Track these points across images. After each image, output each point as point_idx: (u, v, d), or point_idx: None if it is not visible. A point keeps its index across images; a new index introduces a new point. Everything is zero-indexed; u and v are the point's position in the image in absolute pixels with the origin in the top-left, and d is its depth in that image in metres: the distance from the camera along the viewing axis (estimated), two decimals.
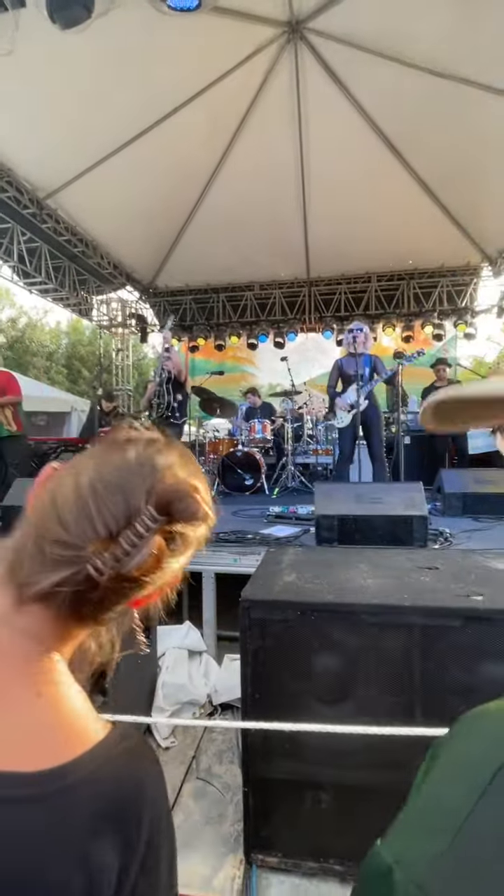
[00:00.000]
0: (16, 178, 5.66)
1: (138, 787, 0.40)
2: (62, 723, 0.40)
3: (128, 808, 0.39)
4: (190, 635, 2.43)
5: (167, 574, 0.46)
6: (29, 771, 0.36)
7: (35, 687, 0.41)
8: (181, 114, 5.48)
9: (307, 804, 1.35)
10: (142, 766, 0.42)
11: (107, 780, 0.39)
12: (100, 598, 0.42)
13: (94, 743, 0.40)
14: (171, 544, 0.44)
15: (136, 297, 9.44)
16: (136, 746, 0.43)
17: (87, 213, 6.69)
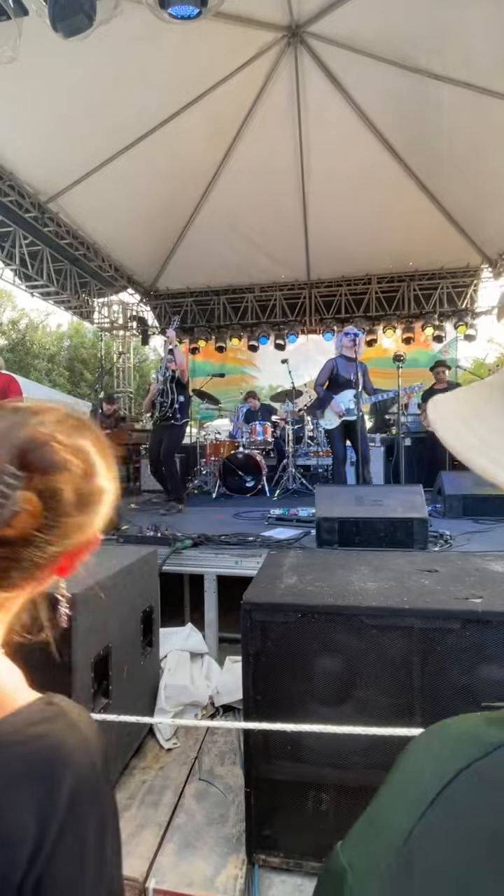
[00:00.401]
0: (17, 181, 5.70)
1: (57, 748, 0.39)
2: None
3: (45, 770, 0.38)
4: (191, 637, 2.45)
5: (64, 531, 0.44)
6: None
7: None
8: (182, 117, 5.51)
9: (308, 804, 1.36)
10: (63, 730, 0.41)
11: (23, 743, 0.38)
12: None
13: (12, 710, 0.40)
14: (49, 500, 0.43)
15: (137, 299, 9.48)
16: (60, 712, 0.42)
17: (88, 217, 6.72)
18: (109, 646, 1.69)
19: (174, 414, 4.23)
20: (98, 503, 0.48)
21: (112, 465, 0.51)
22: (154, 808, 1.66)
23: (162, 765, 1.89)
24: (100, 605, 1.63)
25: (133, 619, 1.93)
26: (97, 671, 1.61)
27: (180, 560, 2.55)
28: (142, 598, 2.02)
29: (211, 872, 1.42)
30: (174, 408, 4.22)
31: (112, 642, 1.71)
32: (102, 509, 0.49)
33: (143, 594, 2.04)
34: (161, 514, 3.88)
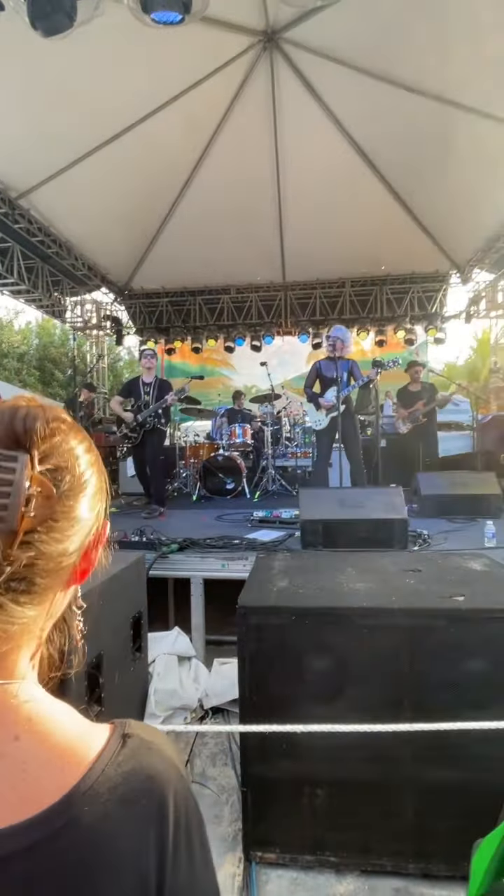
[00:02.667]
0: None
1: (153, 779, 0.39)
2: (52, 754, 0.38)
3: (151, 804, 0.38)
4: (179, 641, 2.46)
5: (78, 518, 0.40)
6: (32, 815, 0.34)
7: (9, 731, 0.37)
8: (159, 116, 5.47)
9: (303, 800, 1.41)
10: (148, 757, 0.40)
11: (121, 785, 0.37)
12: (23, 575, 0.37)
13: (94, 756, 0.39)
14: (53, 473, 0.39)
15: (111, 298, 9.33)
16: (139, 741, 0.41)
17: (61, 214, 6.57)
18: (101, 653, 1.69)
19: (159, 419, 4.29)
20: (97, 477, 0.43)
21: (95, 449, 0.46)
22: None
23: None
24: (91, 613, 1.63)
25: (123, 626, 1.93)
26: (90, 680, 1.61)
27: (166, 564, 2.55)
28: (131, 604, 2.02)
29: None
30: (158, 413, 4.28)
31: (103, 650, 1.71)
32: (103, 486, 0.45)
33: (132, 600, 2.04)
34: (143, 517, 3.87)
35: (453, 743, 1.27)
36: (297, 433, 6.22)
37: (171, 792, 0.39)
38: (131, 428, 4.39)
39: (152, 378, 4.54)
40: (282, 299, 8.89)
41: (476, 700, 1.33)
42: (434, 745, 1.30)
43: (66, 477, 0.39)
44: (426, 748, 1.32)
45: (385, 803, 1.38)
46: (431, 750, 1.32)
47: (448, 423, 6.41)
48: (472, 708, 1.34)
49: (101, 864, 0.35)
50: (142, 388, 4.46)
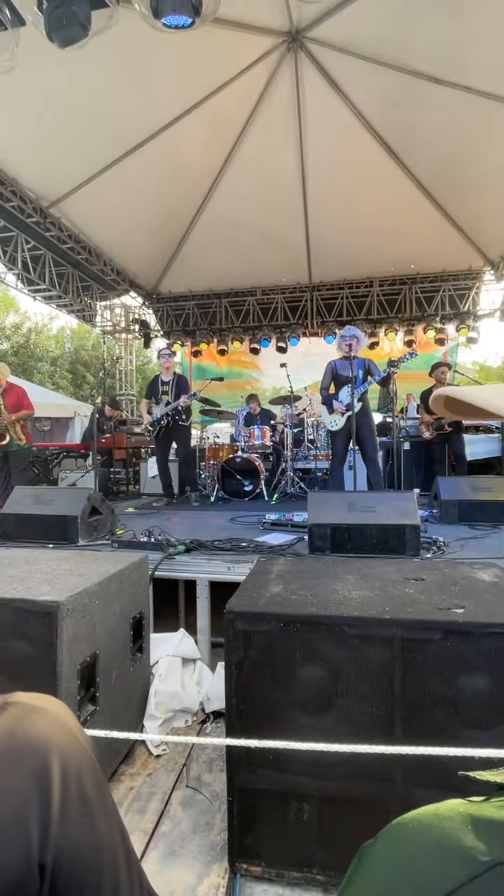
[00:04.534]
0: (20, 187, 5.75)
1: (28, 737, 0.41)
2: None
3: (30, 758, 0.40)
4: (184, 643, 2.45)
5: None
6: None
7: None
8: (184, 122, 5.54)
9: (290, 814, 1.36)
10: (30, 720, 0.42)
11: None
12: None
13: None
14: None
15: (139, 302, 9.53)
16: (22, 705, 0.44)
17: (90, 221, 6.77)
18: (97, 652, 1.70)
19: (179, 416, 4.43)
20: None
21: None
22: (140, 815, 1.67)
23: (150, 771, 1.90)
24: (87, 612, 1.64)
25: (123, 626, 1.94)
26: (83, 678, 1.62)
27: (173, 566, 2.56)
28: (132, 605, 2.02)
29: (193, 881, 1.43)
30: (179, 409, 4.44)
31: (99, 649, 1.72)
32: None
33: (134, 600, 2.05)
34: (194, 505, 4.38)
35: (447, 765, 1.19)
36: (319, 435, 6.13)
37: (57, 752, 0.40)
38: (150, 423, 4.61)
39: (171, 376, 4.72)
40: (308, 300, 8.82)
41: (474, 720, 1.25)
42: (426, 767, 1.23)
43: None
44: (418, 769, 1.25)
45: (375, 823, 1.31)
46: (424, 771, 1.25)
47: (476, 426, 6.16)
48: (469, 727, 1.26)
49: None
50: (160, 387, 4.64)
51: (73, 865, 0.39)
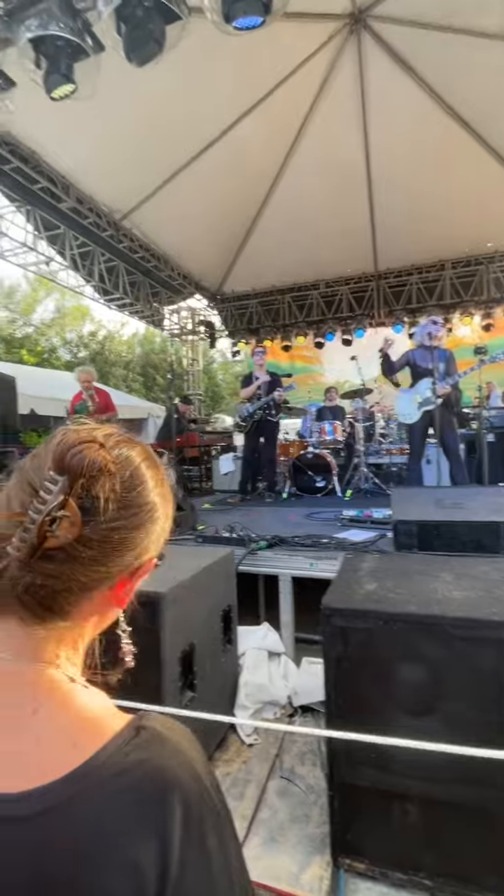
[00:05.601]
0: (96, 204, 6.12)
1: (159, 771, 0.38)
2: (66, 732, 0.39)
3: (154, 795, 0.37)
4: (268, 636, 2.49)
5: (109, 548, 0.42)
6: (42, 784, 0.36)
7: (29, 706, 0.40)
8: (245, 121, 5.59)
9: (395, 814, 1.35)
10: (159, 751, 0.40)
11: (125, 772, 0.38)
12: (43, 584, 0.40)
13: (106, 740, 0.39)
14: (88, 507, 0.41)
15: (204, 304, 9.77)
16: (153, 733, 0.41)
17: (158, 229, 7.05)
18: (193, 642, 1.78)
19: (269, 411, 4.56)
20: (147, 519, 0.45)
21: (164, 483, 0.48)
22: (239, 800, 1.73)
23: (244, 759, 1.96)
24: (184, 604, 1.72)
25: (214, 618, 2.01)
26: (183, 666, 1.71)
27: (255, 561, 2.61)
28: (221, 598, 2.10)
29: (296, 869, 1.46)
30: (269, 404, 4.71)
31: (195, 639, 1.80)
32: (153, 528, 0.46)
33: (223, 594, 2.12)
34: (267, 502, 4.56)
35: None
36: (391, 429, 5.92)
37: (180, 790, 0.38)
38: (242, 418, 4.78)
39: (263, 373, 4.86)
40: (374, 289, 8.54)
41: None
42: None
43: (105, 513, 0.42)
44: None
45: (485, 831, 1.26)
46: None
47: None
48: None
49: (93, 846, 0.35)
50: (254, 382, 4.80)
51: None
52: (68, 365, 15.91)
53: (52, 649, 0.43)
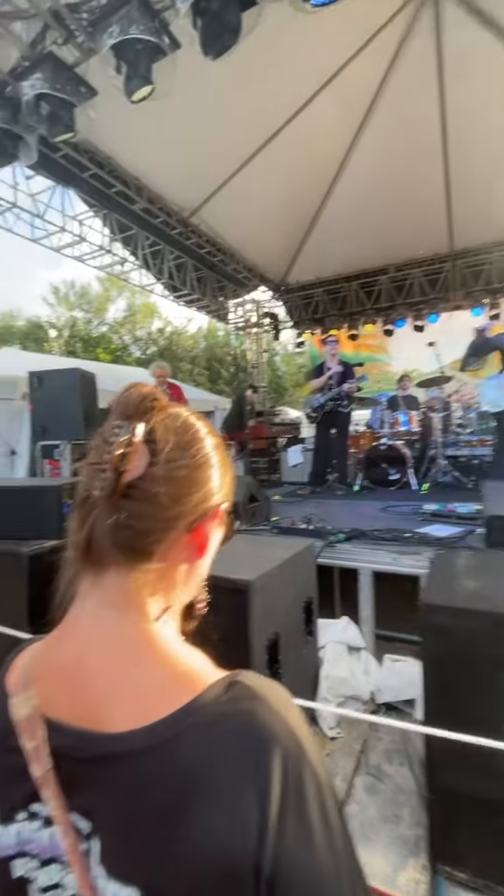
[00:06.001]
0: (166, 203, 6.29)
1: (259, 724, 0.39)
2: (165, 681, 0.43)
3: (253, 746, 0.38)
4: (348, 630, 2.45)
5: (176, 487, 0.46)
6: (146, 724, 0.39)
7: (132, 658, 0.44)
8: (311, 107, 5.44)
9: (501, 825, 1.26)
10: (252, 704, 0.40)
11: (221, 720, 0.39)
12: (127, 523, 0.44)
13: (202, 689, 0.41)
14: (151, 444, 0.46)
15: (268, 296, 9.75)
16: (247, 685, 0.42)
17: (224, 223, 7.10)
18: (277, 633, 1.79)
19: (340, 402, 4.52)
20: (204, 462, 0.49)
21: (222, 447, 0.52)
22: None
23: (328, 752, 1.94)
24: (270, 593, 1.73)
25: (296, 609, 2.01)
26: (270, 654, 1.72)
27: (333, 553, 2.56)
28: (303, 589, 2.08)
29: (390, 871, 1.42)
30: (341, 394, 4.63)
31: (279, 629, 1.80)
32: (213, 473, 0.50)
33: (304, 585, 2.11)
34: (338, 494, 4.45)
35: None
36: (470, 419, 5.56)
37: (278, 749, 0.38)
38: (313, 409, 4.75)
39: (335, 363, 4.79)
40: (449, 271, 8.02)
41: None
42: None
43: (165, 448, 0.46)
44: None
45: None
46: None
47: None
48: None
49: (196, 789, 0.37)
50: (325, 372, 4.75)
51: (290, 886, 0.36)
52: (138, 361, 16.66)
53: (148, 603, 0.47)
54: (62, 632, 0.49)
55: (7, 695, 0.47)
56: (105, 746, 0.40)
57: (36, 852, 0.44)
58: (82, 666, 0.44)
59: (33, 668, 0.48)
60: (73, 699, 0.43)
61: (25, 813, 0.44)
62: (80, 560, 0.48)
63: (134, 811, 0.38)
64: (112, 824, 0.40)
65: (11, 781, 0.45)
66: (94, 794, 0.40)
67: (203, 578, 0.54)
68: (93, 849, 0.40)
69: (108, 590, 0.46)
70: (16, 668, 0.50)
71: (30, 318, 18.61)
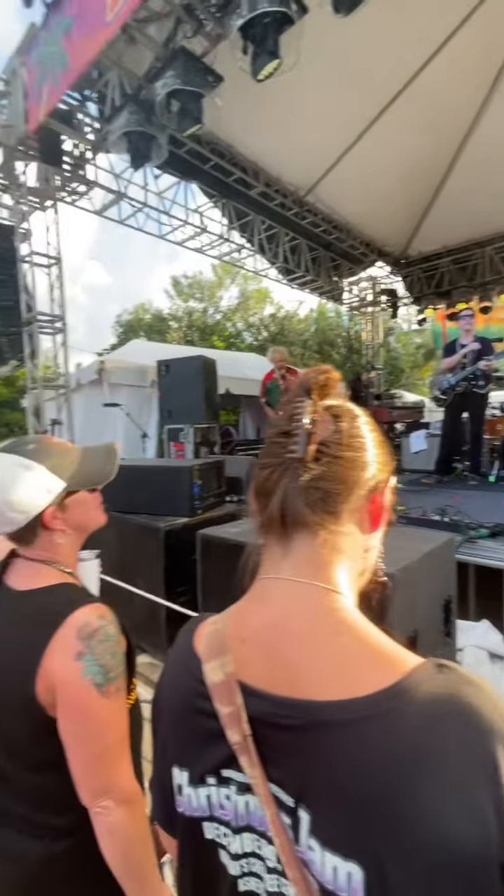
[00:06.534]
0: (282, 185, 6.22)
1: (471, 709, 0.37)
2: (369, 654, 0.41)
3: (474, 733, 0.36)
4: (489, 636, 2.22)
5: (354, 455, 0.49)
6: (357, 696, 0.38)
7: (331, 627, 0.43)
8: (433, 64, 4.87)
9: None
10: (469, 690, 0.38)
11: (437, 701, 0.37)
12: (317, 484, 0.46)
13: (408, 669, 0.40)
14: (336, 416, 0.49)
15: (385, 271, 9.18)
16: (459, 672, 0.41)
17: (341, 199, 6.81)
18: (416, 630, 1.67)
19: (477, 382, 4.14)
20: (374, 438, 0.52)
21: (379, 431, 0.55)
22: None
23: None
24: (411, 588, 1.62)
25: (435, 607, 1.87)
26: None
27: (474, 550, 2.33)
28: (442, 587, 1.93)
29: None
30: (476, 374, 4.18)
31: (419, 626, 1.69)
32: (379, 450, 0.52)
33: (443, 583, 1.94)
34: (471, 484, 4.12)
35: None
36: None
37: (500, 742, 0.36)
38: (442, 391, 4.36)
39: (471, 339, 4.34)
40: None
41: None
42: None
43: (344, 417, 0.50)
44: None
45: None
46: None
47: None
48: None
49: (423, 769, 0.35)
50: (458, 350, 4.34)
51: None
52: (250, 347, 17.04)
53: (337, 573, 0.47)
54: (252, 601, 0.49)
55: (200, 660, 0.48)
56: (314, 714, 0.39)
57: (228, 818, 0.45)
58: (279, 633, 0.44)
59: (225, 635, 0.48)
60: (271, 667, 0.43)
61: (215, 777, 0.45)
62: (270, 527, 0.49)
63: (351, 784, 0.37)
64: (325, 796, 0.38)
65: (204, 744, 0.45)
66: (299, 763, 0.39)
67: (377, 555, 0.54)
68: (301, 820, 0.39)
69: (298, 557, 0.47)
70: (202, 636, 0.50)
71: (153, 311, 20.17)
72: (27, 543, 0.81)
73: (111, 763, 0.71)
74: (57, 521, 0.80)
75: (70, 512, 0.82)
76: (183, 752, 0.48)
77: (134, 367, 5.86)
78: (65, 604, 0.74)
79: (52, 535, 0.81)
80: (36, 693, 0.70)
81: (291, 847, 0.39)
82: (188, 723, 0.48)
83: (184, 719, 0.48)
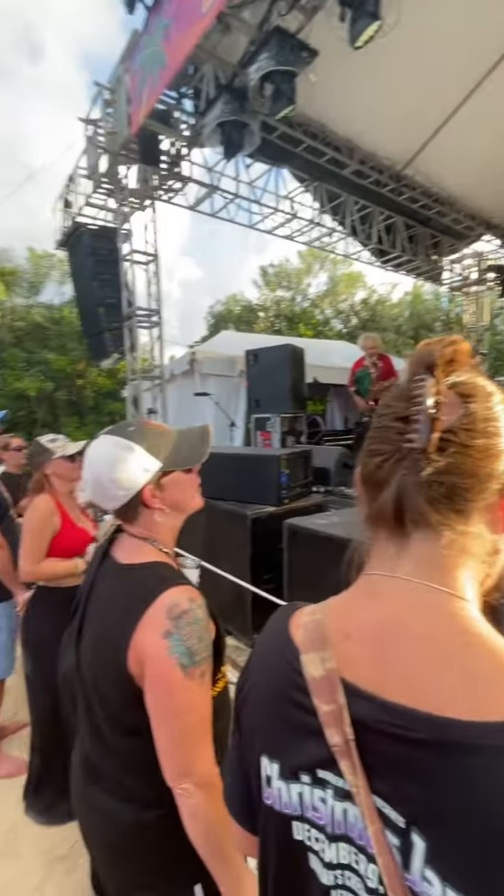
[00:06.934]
0: (377, 160, 5.87)
1: None
2: (497, 673, 0.36)
3: None
4: None
5: (485, 443, 0.42)
6: (489, 720, 0.34)
7: (459, 637, 0.38)
8: None
9: None
10: None
11: None
12: (441, 479, 0.41)
13: None
14: (463, 396, 0.43)
15: (495, 245, 8.30)
16: None
17: (444, 169, 6.25)
18: None
19: None
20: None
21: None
22: None
23: None
24: None
25: None
26: None
27: None
28: None
29: None
30: None
31: None
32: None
33: None
34: None
35: None
36: None
37: None
38: None
39: None
40: None
41: None
42: None
43: (475, 397, 0.43)
44: None
45: None
46: None
47: None
48: None
49: None
50: None
51: None
52: (339, 335, 16.57)
53: (460, 575, 0.42)
54: (360, 596, 0.46)
55: (297, 649, 0.44)
56: (439, 731, 0.34)
57: (322, 823, 0.41)
58: (394, 634, 0.41)
59: (326, 627, 0.44)
60: (381, 668, 0.39)
61: (310, 776, 0.42)
62: (381, 520, 0.45)
63: (489, 821, 0.32)
64: (452, 826, 0.33)
65: (299, 740, 0.42)
66: (414, 781, 0.35)
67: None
68: (415, 846, 0.34)
69: (417, 557, 0.43)
70: (299, 625, 0.47)
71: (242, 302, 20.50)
72: (130, 520, 0.86)
73: (192, 744, 0.72)
74: (155, 499, 0.84)
75: (167, 491, 0.85)
76: (274, 742, 0.45)
77: (223, 358, 5.99)
78: (158, 581, 0.77)
79: (152, 514, 0.85)
80: (127, 663, 0.73)
81: (398, 872, 0.35)
82: (282, 713, 0.45)
83: (277, 709, 0.45)
